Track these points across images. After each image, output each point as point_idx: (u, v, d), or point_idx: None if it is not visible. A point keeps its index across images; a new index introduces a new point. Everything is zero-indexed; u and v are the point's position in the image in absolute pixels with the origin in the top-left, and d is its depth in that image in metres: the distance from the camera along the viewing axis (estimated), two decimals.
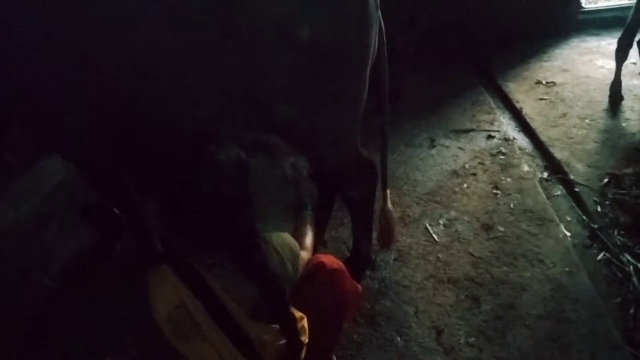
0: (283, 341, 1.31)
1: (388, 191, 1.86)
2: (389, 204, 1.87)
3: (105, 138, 1.41)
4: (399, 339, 1.85)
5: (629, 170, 2.44)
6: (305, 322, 1.38)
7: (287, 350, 1.33)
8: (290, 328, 1.32)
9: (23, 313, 2.00)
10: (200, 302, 1.23)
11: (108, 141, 1.42)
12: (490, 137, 2.89)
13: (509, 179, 2.54)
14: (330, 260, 1.56)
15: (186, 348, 1.25)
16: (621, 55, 2.93)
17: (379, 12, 1.45)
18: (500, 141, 2.85)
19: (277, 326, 1.32)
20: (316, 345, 1.44)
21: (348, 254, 2.15)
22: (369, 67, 1.49)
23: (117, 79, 1.25)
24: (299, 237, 1.71)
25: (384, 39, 1.55)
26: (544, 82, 3.35)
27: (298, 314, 1.37)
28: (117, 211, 2.06)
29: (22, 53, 1.20)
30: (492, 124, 3.01)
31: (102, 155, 1.51)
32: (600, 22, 4.01)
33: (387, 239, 1.95)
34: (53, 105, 1.31)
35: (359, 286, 1.66)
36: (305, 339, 1.37)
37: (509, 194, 2.44)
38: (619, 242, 2.09)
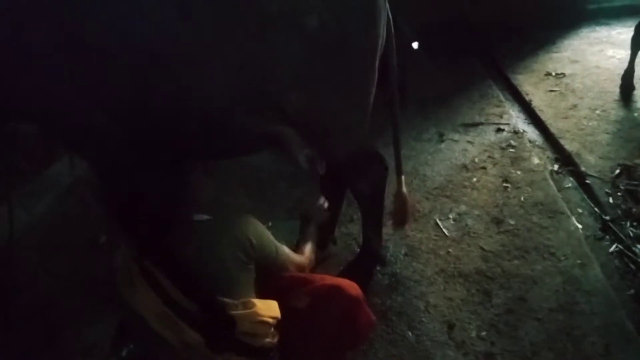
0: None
1: (403, 177, 1.82)
2: (404, 189, 1.81)
3: (120, 133, 1.42)
4: (410, 334, 1.85)
5: None
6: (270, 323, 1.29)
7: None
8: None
9: None
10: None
11: (123, 136, 1.44)
12: (499, 130, 2.87)
13: (519, 172, 2.53)
14: (350, 286, 1.46)
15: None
16: (637, 42, 2.84)
17: (387, 3, 1.46)
18: (509, 134, 2.83)
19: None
20: None
21: (358, 250, 2.16)
22: (377, 57, 1.50)
23: (130, 72, 1.26)
24: (299, 246, 1.69)
25: (392, 29, 1.56)
26: (553, 74, 3.32)
27: (268, 313, 1.28)
28: None
29: (38, 51, 1.22)
30: (501, 117, 2.99)
31: (117, 151, 1.52)
32: (611, 11, 3.95)
33: (400, 219, 1.88)
34: (69, 103, 1.33)
35: (374, 318, 1.57)
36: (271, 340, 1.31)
37: (519, 187, 2.43)
38: (631, 234, 2.08)
